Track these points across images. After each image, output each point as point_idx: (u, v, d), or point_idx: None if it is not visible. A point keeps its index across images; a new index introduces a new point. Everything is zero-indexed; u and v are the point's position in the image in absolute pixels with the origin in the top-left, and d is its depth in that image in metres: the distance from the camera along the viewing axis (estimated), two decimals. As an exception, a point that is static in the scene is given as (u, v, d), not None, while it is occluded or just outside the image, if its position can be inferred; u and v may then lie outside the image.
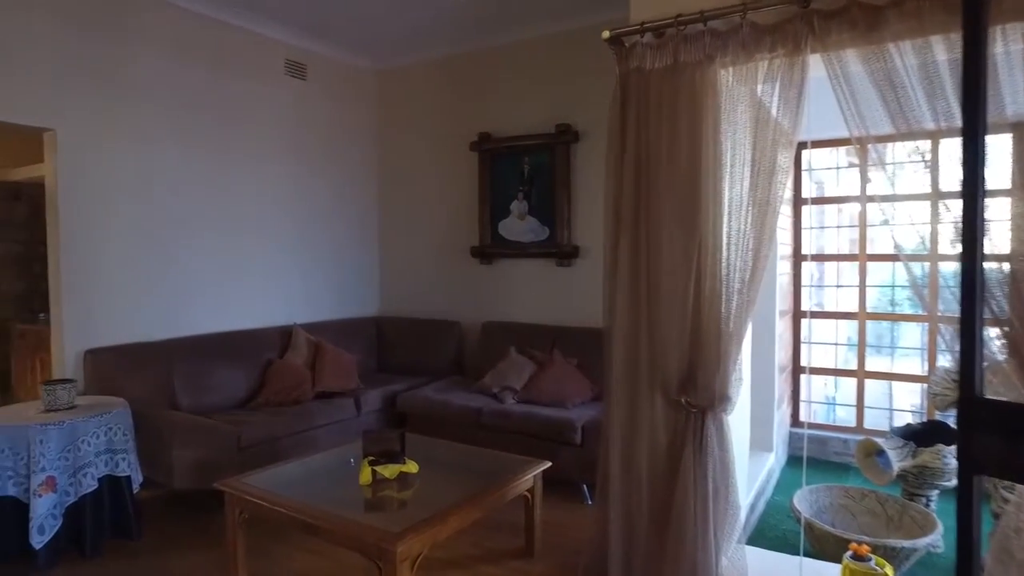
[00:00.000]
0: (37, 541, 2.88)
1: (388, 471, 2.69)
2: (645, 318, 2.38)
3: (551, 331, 4.66)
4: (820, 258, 5.01)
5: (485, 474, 3.01)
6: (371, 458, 2.76)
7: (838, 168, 5.14)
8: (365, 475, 2.68)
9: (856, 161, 4.88)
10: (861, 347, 4.47)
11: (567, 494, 3.74)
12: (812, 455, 4.48)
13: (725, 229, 2.25)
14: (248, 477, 2.73)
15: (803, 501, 2.73)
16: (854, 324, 4.59)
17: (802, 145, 3.00)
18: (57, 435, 2.95)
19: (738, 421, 2.52)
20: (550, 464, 2.98)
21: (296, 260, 5.08)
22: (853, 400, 4.60)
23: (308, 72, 5.07)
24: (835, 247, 5.12)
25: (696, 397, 2.21)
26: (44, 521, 2.90)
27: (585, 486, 3.72)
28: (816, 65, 2.12)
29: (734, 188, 2.26)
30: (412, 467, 2.76)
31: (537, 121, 4.83)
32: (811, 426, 4.60)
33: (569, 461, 3.68)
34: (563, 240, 4.76)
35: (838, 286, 5.05)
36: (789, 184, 2.34)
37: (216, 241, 4.50)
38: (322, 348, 4.70)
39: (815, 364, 4.82)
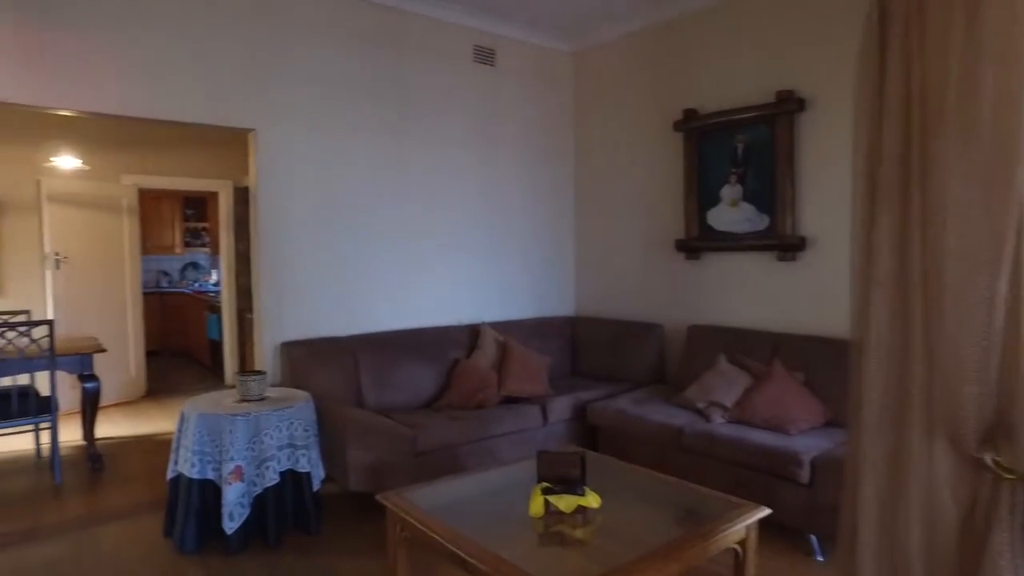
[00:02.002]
0: (228, 527, 2.94)
1: (564, 503, 2.26)
2: (919, 328, 1.65)
3: (770, 338, 3.89)
4: None
5: (684, 516, 2.45)
6: (545, 484, 2.35)
7: None
8: (536, 505, 2.27)
9: None
10: None
11: (788, 543, 3.01)
12: None
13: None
14: (410, 492, 2.47)
15: None
16: None
17: None
18: (244, 426, 2.98)
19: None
20: (769, 512, 2.33)
21: (487, 255, 4.88)
22: None
23: (497, 58, 4.84)
24: None
25: (1015, 456, 1.45)
26: (233, 508, 2.95)
27: (814, 537, 2.95)
28: None
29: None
30: (593, 500, 2.30)
31: (752, 90, 4.08)
32: None
33: (792, 503, 2.95)
34: (786, 229, 3.95)
35: None
36: None
37: (404, 235, 4.45)
38: (510, 349, 4.43)
39: None
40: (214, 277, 9.47)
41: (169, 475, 3.14)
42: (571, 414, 4.14)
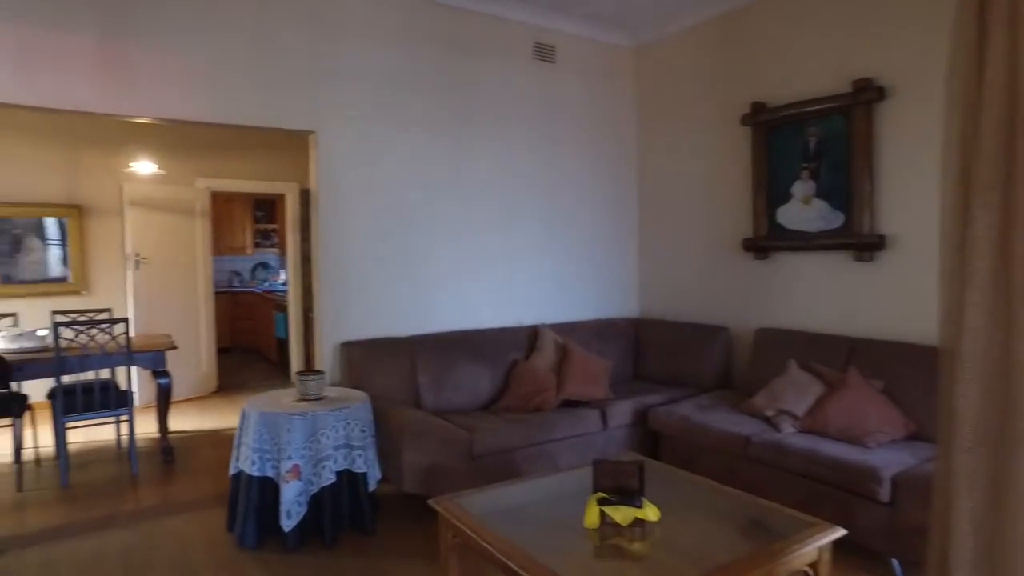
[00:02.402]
0: (286, 524, 2.97)
1: (620, 515, 2.16)
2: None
3: (845, 343, 3.66)
4: None
5: (750, 532, 2.31)
6: (602, 495, 2.25)
7: None
8: (591, 516, 2.18)
9: None
10: None
11: (865, 566, 2.80)
12: None
13: None
14: (463, 497, 2.42)
15: None
16: None
17: None
18: (301, 425, 3.01)
19: None
20: (844, 532, 2.15)
21: (547, 255, 4.81)
22: None
23: (557, 54, 4.75)
24: None
25: None
26: (291, 507, 2.97)
27: (896, 562, 2.73)
28: None
29: None
30: (651, 512, 2.19)
31: (826, 80, 3.85)
32: None
33: (870, 523, 2.74)
34: (863, 227, 3.70)
35: None
36: None
37: (464, 236, 4.42)
38: (569, 351, 4.33)
39: None
40: (282, 277, 9.75)
41: (231, 471, 3.21)
42: (632, 419, 4.01)
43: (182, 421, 5.42)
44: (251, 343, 9.21)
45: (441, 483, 3.18)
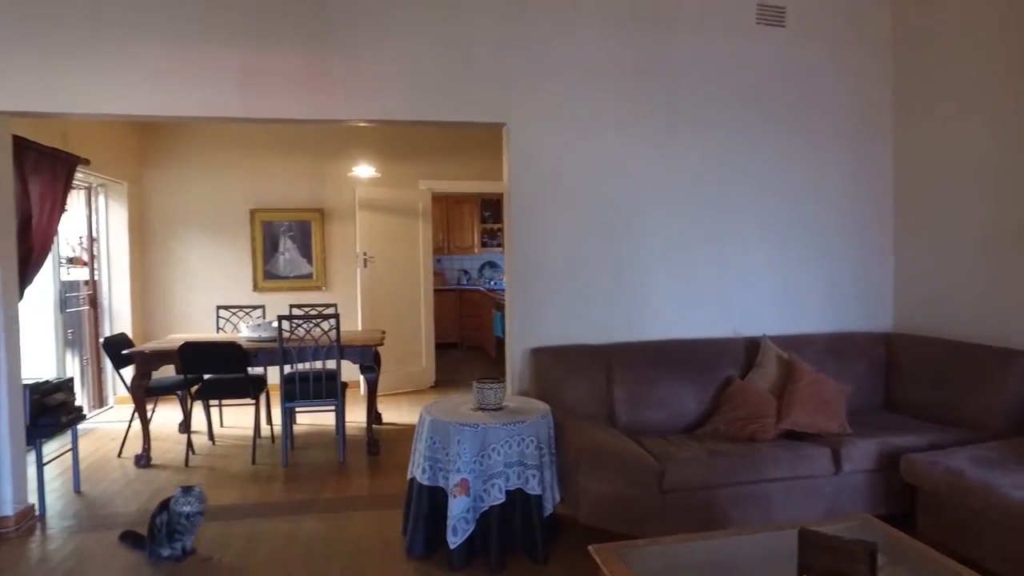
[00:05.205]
0: (452, 540, 2.80)
1: (833, 614, 1.55)
2: None
3: None
4: None
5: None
6: (809, 577, 1.66)
7: None
8: (791, 609, 1.61)
9: None
10: None
11: None
12: None
13: None
14: (631, 549, 1.98)
15: None
16: None
17: None
18: (471, 438, 2.80)
19: None
20: None
21: (771, 255, 4.08)
22: None
23: (788, 15, 3.97)
24: None
25: None
26: (457, 523, 2.79)
27: None
28: None
29: None
30: (883, 619, 1.54)
31: None
32: None
33: None
34: None
35: None
36: None
37: (671, 234, 3.92)
38: (796, 370, 3.60)
39: None
40: (506, 276, 10.00)
41: (408, 475, 3.13)
42: (876, 464, 3.14)
43: (396, 414, 5.68)
44: (475, 340, 9.56)
45: (622, 518, 2.77)
